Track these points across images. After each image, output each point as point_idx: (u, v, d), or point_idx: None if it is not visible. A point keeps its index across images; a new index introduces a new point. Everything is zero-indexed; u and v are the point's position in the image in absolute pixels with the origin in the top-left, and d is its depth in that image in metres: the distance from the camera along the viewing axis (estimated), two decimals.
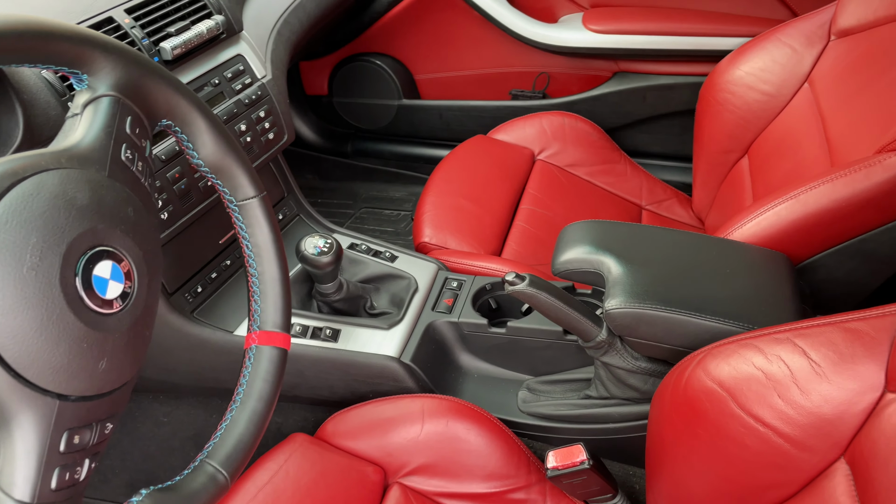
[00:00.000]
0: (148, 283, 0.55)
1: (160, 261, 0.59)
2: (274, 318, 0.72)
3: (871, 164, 0.87)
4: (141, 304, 0.54)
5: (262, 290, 0.72)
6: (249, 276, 0.72)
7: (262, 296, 0.72)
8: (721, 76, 1.33)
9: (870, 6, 1.12)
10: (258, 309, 0.72)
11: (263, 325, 0.71)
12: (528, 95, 1.70)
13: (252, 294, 0.72)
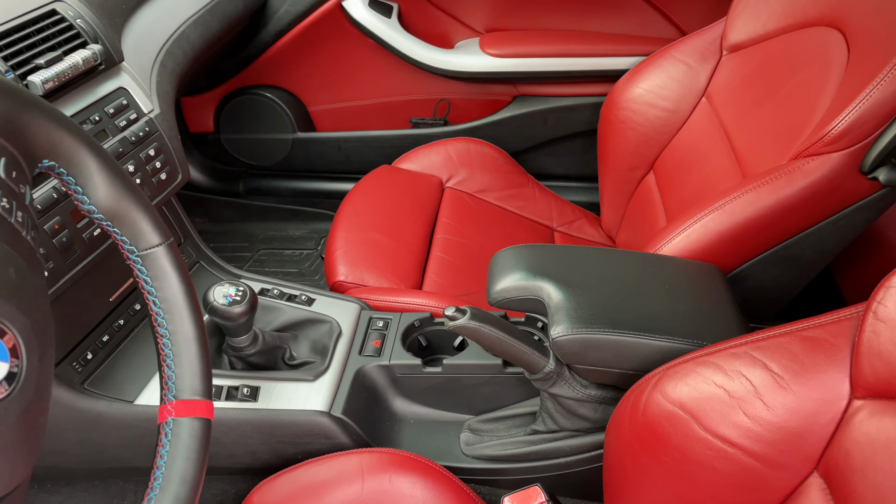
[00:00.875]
0: (39, 359, 0.44)
1: (52, 330, 0.48)
2: (192, 384, 0.61)
3: (792, 171, 0.89)
4: (32, 385, 0.43)
5: (175, 351, 0.61)
6: (159, 336, 0.62)
7: (177, 359, 0.61)
8: (620, 95, 1.34)
9: (758, 21, 1.17)
10: (172, 375, 0.61)
11: (180, 394, 0.61)
12: (429, 123, 1.66)
13: (164, 358, 0.61)
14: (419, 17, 1.55)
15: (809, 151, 0.89)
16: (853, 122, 0.84)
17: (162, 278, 0.61)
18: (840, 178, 0.87)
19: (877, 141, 0.85)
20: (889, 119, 0.83)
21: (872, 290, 1.31)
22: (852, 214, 0.91)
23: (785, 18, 1.11)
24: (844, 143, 0.86)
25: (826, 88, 0.96)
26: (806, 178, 0.87)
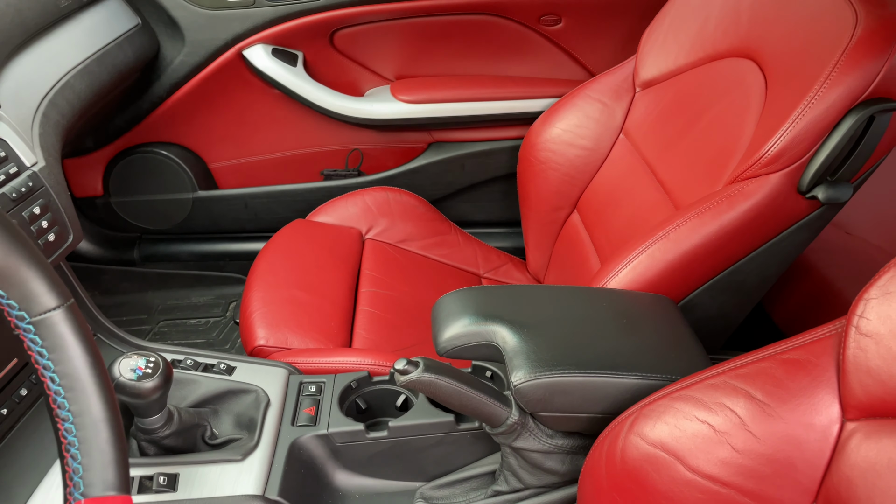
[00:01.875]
0: None
1: None
2: (105, 476, 0.50)
3: (733, 194, 0.88)
4: None
5: (82, 437, 0.50)
6: (59, 421, 0.50)
7: (84, 446, 0.50)
8: (538, 136, 1.33)
9: (668, 57, 1.18)
10: (79, 467, 0.49)
11: (90, 489, 0.49)
12: (342, 174, 1.59)
13: (66, 447, 0.50)
14: (326, 66, 1.49)
15: (747, 174, 0.88)
16: (788, 143, 0.85)
17: (61, 348, 0.50)
18: (780, 199, 0.87)
19: (811, 160, 0.85)
20: (821, 138, 0.84)
21: (802, 314, 1.32)
22: (793, 235, 0.91)
23: (695, 53, 1.13)
24: (781, 164, 0.86)
25: (748, 115, 0.97)
26: (748, 201, 0.87)
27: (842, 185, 0.86)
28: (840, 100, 0.82)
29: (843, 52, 0.82)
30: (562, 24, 1.45)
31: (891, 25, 0.82)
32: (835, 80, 0.82)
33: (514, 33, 1.46)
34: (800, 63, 0.89)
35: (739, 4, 1.07)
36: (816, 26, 0.90)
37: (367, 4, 1.40)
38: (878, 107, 0.82)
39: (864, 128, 0.83)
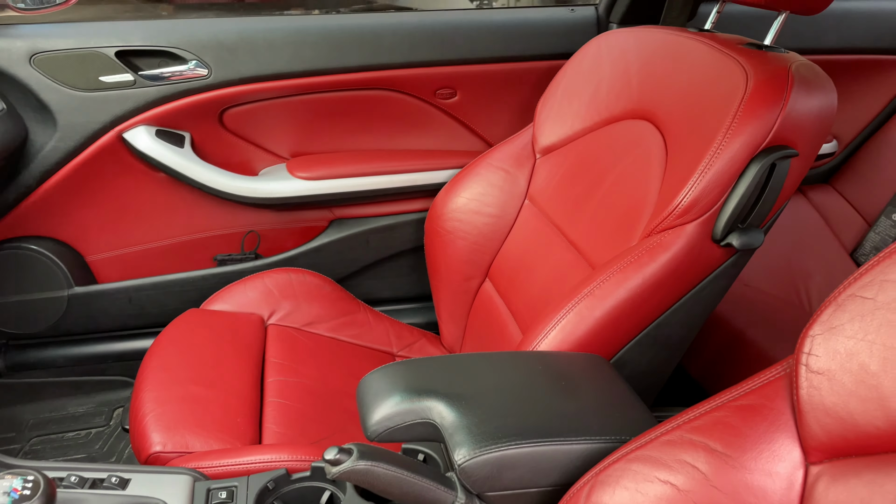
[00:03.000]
0: None
1: None
2: None
3: (653, 246, 0.88)
4: None
5: None
6: None
7: None
8: (444, 207, 1.31)
9: (565, 124, 1.21)
10: None
11: None
12: (237, 258, 1.49)
13: None
14: (216, 146, 1.41)
15: (663, 226, 0.89)
16: (699, 194, 0.86)
17: None
18: (697, 248, 0.87)
19: (722, 209, 0.87)
20: (729, 187, 0.86)
21: (717, 365, 1.33)
22: (712, 283, 0.91)
23: (591, 118, 1.16)
24: (695, 214, 0.87)
25: (651, 171, 0.99)
26: (667, 251, 0.87)
27: (753, 230, 0.88)
28: (742, 149, 0.85)
29: (740, 105, 0.86)
30: (457, 97, 1.46)
31: (779, 80, 0.87)
32: (735, 132, 0.85)
33: (412, 107, 1.46)
34: (698, 119, 0.92)
35: (628, 70, 1.12)
36: (709, 84, 0.94)
37: (258, 82, 1.35)
38: (777, 154, 0.85)
39: (766, 175, 0.86)
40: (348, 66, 1.36)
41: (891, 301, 0.53)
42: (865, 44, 1.53)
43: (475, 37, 1.40)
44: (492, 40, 1.41)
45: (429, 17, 1.41)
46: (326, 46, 1.35)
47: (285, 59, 1.34)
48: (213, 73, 1.32)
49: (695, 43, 1.03)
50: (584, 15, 1.45)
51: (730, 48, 0.97)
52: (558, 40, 1.43)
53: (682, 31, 1.09)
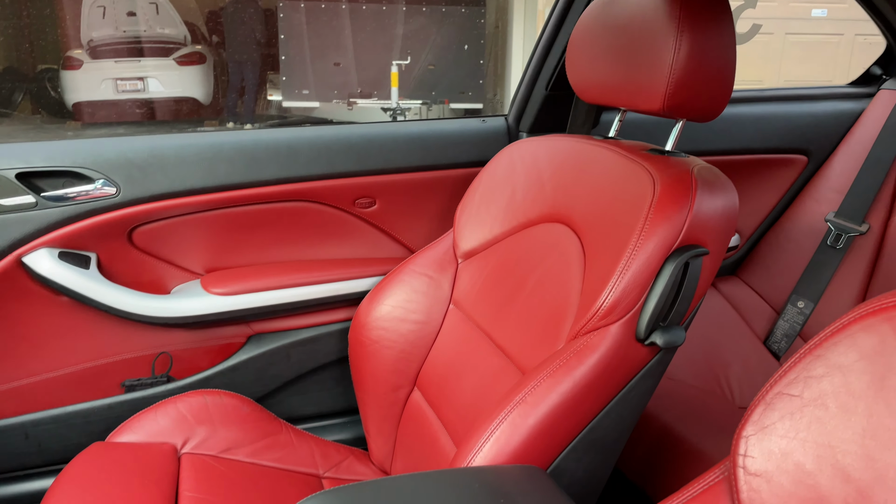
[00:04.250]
0: None
1: None
2: None
3: (580, 349, 0.87)
4: None
5: None
6: None
7: None
8: (368, 315, 1.29)
9: (484, 228, 1.23)
10: None
11: None
12: (147, 383, 1.39)
13: None
14: (125, 265, 1.35)
15: (588, 328, 0.89)
16: (619, 295, 0.88)
17: None
18: (623, 348, 0.88)
19: (643, 309, 0.89)
20: (647, 287, 0.88)
21: (651, 464, 1.32)
22: (640, 383, 0.91)
23: (508, 222, 1.19)
24: (617, 315, 0.88)
25: (571, 273, 1.00)
26: (595, 353, 0.87)
27: (674, 328, 0.90)
28: (656, 250, 0.88)
29: (650, 208, 0.89)
30: (377, 206, 1.47)
31: (683, 183, 0.91)
32: (648, 234, 0.88)
33: (331, 217, 1.45)
34: (611, 222, 0.95)
35: (541, 176, 1.15)
36: (618, 189, 0.98)
37: (170, 199, 1.32)
38: (690, 253, 0.88)
39: (681, 274, 0.89)
40: (265, 179, 1.35)
41: (817, 397, 0.54)
42: (755, 144, 1.65)
43: (392, 148, 1.43)
44: (408, 150, 1.44)
45: (345, 129, 1.43)
46: (242, 161, 1.34)
47: (199, 175, 1.31)
48: (121, 192, 1.28)
49: (601, 150, 1.08)
50: (494, 125, 1.51)
51: (634, 154, 1.02)
52: (472, 149, 1.48)
53: (588, 139, 1.14)
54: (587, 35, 1.09)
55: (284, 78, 7.38)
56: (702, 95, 0.95)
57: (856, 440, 0.51)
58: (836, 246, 1.55)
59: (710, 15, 0.92)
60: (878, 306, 0.53)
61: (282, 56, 7.34)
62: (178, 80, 8.00)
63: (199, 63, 8.20)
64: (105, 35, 7.90)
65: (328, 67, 7.42)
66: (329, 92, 7.45)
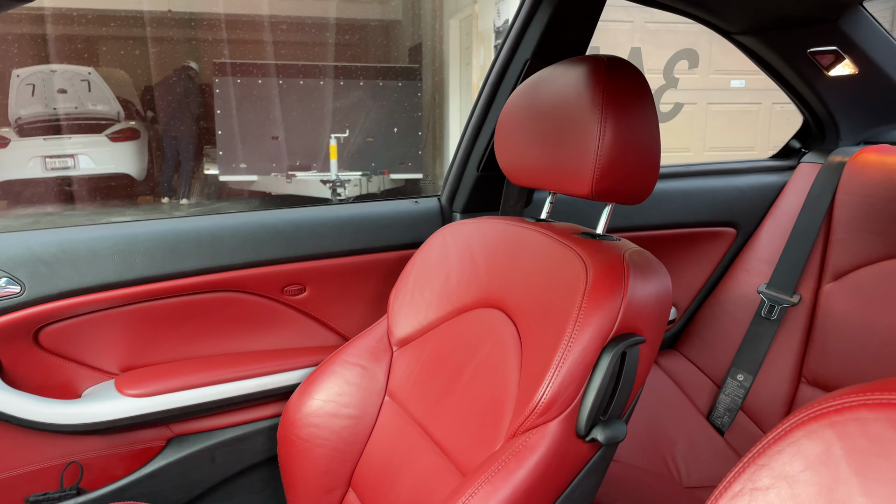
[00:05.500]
0: None
1: None
2: None
3: (518, 450, 0.82)
4: None
5: None
6: None
7: None
8: (298, 411, 1.21)
9: (419, 314, 1.18)
10: None
11: None
12: (55, 497, 1.26)
13: None
14: (30, 369, 1.24)
15: (526, 426, 0.84)
16: (557, 390, 0.84)
17: None
18: (564, 447, 0.83)
19: (582, 404, 0.85)
20: (584, 380, 0.85)
21: None
22: (583, 482, 0.87)
23: (443, 308, 1.15)
24: (556, 411, 0.84)
25: (508, 362, 0.96)
26: (534, 454, 0.82)
27: (615, 422, 0.86)
28: (592, 341, 0.85)
29: (584, 297, 0.87)
30: (307, 293, 1.41)
31: (615, 270, 0.89)
32: (583, 324, 0.85)
33: (258, 306, 1.38)
34: (545, 310, 0.92)
35: (475, 259, 1.12)
36: (551, 275, 0.95)
37: (81, 296, 1.23)
38: (626, 342, 0.86)
39: (619, 364, 0.86)
40: (185, 270, 1.28)
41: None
42: (685, 219, 1.67)
43: (321, 232, 1.38)
44: (338, 235, 1.40)
45: (272, 215, 1.38)
46: (160, 252, 1.27)
47: (113, 269, 1.23)
48: (26, 290, 1.18)
49: (533, 233, 1.05)
50: (427, 206, 1.49)
51: (566, 238, 1.00)
52: (405, 231, 1.45)
53: (520, 222, 1.12)
54: (514, 119, 1.09)
55: (221, 152, 7.32)
56: (629, 179, 0.94)
57: None
58: (770, 317, 1.56)
59: (631, 100, 0.93)
60: (819, 411, 0.51)
61: (218, 131, 7.30)
62: (110, 157, 7.86)
63: (133, 139, 8.08)
64: (34, 112, 7.73)
65: (266, 141, 7.41)
66: (267, 165, 7.41)
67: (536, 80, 1.06)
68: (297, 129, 7.46)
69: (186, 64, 8.18)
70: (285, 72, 7.46)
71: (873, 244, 1.43)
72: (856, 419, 0.49)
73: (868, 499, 0.46)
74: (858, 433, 0.48)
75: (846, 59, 1.54)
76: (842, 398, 0.50)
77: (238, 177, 7.44)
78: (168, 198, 8.17)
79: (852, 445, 0.48)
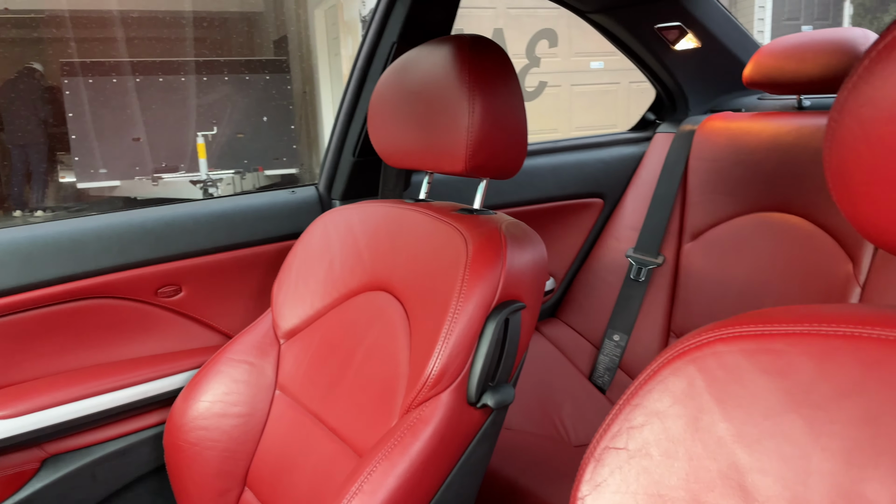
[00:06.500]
0: None
1: None
2: None
3: (413, 424, 0.84)
4: None
5: None
6: None
7: None
8: (184, 416, 1.17)
9: (305, 304, 1.17)
10: None
11: None
12: None
13: None
14: None
15: (419, 400, 0.86)
16: (446, 362, 0.86)
17: None
18: (457, 415, 0.86)
19: (471, 372, 0.87)
20: (472, 349, 0.87)
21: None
22: (478, 447, 0.89)
23: (329, 295, 1.14)
24: (446, 382, 0.86)
25: (398, 342, 0.98)
26: (429, 426, 0.84)
27: (504, 386, 0.89)
28: (476, 311, 0.88)
29: (465, 270, 0.89)
30: (184, 293, 1.35)
31: (493, 242, 0.92)
32: (466, 296, 0.88)
33: (132, 312, 1.31)
34: (430, 287, 0.94)
35: (357, 244, 1.12)
36: (433, 252, 0.97)
37: None
38: (508, 309, 0.89)
39: (503, 331, 0.89)
40: (44, 280, 1.19)
41: (641, 447, 0.54)
42: (555, 192, 1.75)
43: (194, 229, 1.33)
44: (212, 230, 1.35)
45: (139, 214, 1.31)
46: (14, 262, 1.17)
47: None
48: None
49: (413, 213, 1.07)
50: (305, 195, 1.47)
51: (445, 215, 1.02)
52: (283, 222, 1.42)
53: (400, 203, 1.13)
54: (385, 103, 1.09)
55: (77, 158, 6.83)
56: (500, 154, 0.98)
57: (681, 485, 0.51)
58: (638, 279, 1.67)
59: (496, 77, 0.96)
60: (682, 349, 0.55)
61: (72, 135, 6.80)
62: None
63: None
64: None
65: (126, 143, 6.99)
66: (130, 168, 7.00)
67: (404, 61, 1.08)
68: (161, 128, 7.09)
69: (30, 66, 7.55)
70: (142, 69, 7.06)
71: (724, 204, 1.56)
72: (713, 353, 0.54)
73: (728, 423, 0.51)
74: (716, 365, 0.53)
75: (689, 34, 1.66)
76: (700, 335, 0.55)
77: (98, 183, 6.99)
78: (20, 210, 7.53)
79: (711, 377, 0.53)
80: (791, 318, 0.51)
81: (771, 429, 0.48)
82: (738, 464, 0.49)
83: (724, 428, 0.51)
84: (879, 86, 0.43)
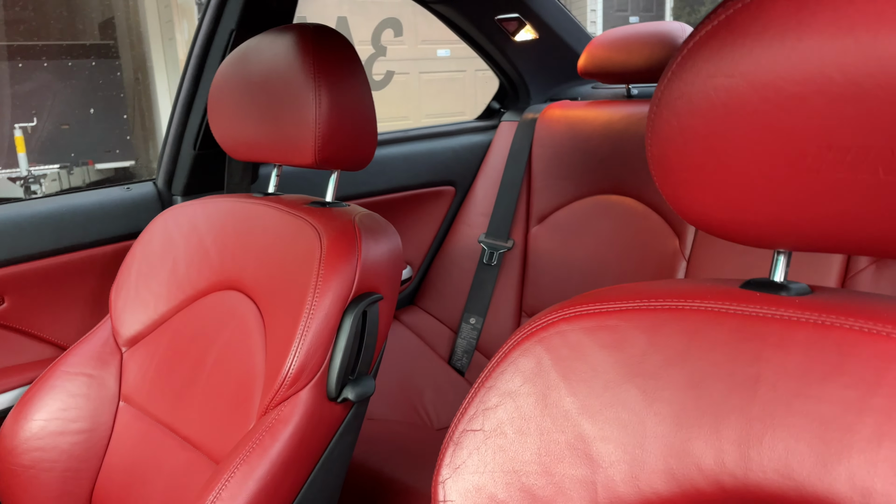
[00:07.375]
0: None
1: None
2: None
3: (272, 425, 0.82)
4: None
5: None
6: None
7: None
8: (15, 437, 1.07)
9: (147, 308, 1.11)
10: None
11: None
12: None
13: None
14: None
15: (277, 399, 0.84)
16: (304, 359, 0.84)
17: None
18: (318, 413, 0.85)
19: (330, 367, 0.87)
20: (330, 344, 0.86)
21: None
22: (340, 442, 0.89)
23: (175, 297, 1.08)
24: (305, 379, 0.85)
25: (252, 342, 0.95)
26: (288, 425, 0.82)
27: (364, 379, 0.89)
28: (334, 305, 0.87)
29: (320, 264, 0.88)
30: (6, 304, 1.23)
31: (348, 234, 0.92)
32: (322, 290, 0.87)
33: None
34: (284, 283, 0.92)
35: (203, 242, 1.07)
36: (286, 247, 0.95)
37: None
38: (365, 302, 0.89)
39: (361, 323, 0.89)
40: None
41: (496, 427, 0.57)
42: (408, 181, 1.77)
43: (14, 233, 1.21)
44: (36, 234, 1.23)
45: None
46: None
47: None
48: None
49: (262, 208, 1.04)
50: (142, 192, 1.37)
51: (297, 209, 1.00)
52: (118, 221, 1.32)
53: (248, 198, 1.09)
54: (226, 93, 1.05)
55: None
56: (350, 145, 0.97)
57: (534, 460, 0.54)
58: (491, 263, 1.73)
59: (342, 67, 0.95)
60: (529, 331, 0.58)
61: None
62: None
63: None
64: None
65: None
66: None
67: (245, 50, 1.04)
68: None
69: None
70: None
71: (565, 188, 1.65)
72: (558, 332, 0.57)
73: (574, 398, 0.54)
74: (560, 344, 0.56)
75: (527, 25, 1.73)
76: (546, 316, 0.58)
77: None
78: None
79: (557, 355, 0.56)
80: (624, 296, 0.55)
81: (610, 399, 0.52)
82: (583, 434, 0.52)
83: (570, 402, 0.54)
84: (691, 80, 0.47)
